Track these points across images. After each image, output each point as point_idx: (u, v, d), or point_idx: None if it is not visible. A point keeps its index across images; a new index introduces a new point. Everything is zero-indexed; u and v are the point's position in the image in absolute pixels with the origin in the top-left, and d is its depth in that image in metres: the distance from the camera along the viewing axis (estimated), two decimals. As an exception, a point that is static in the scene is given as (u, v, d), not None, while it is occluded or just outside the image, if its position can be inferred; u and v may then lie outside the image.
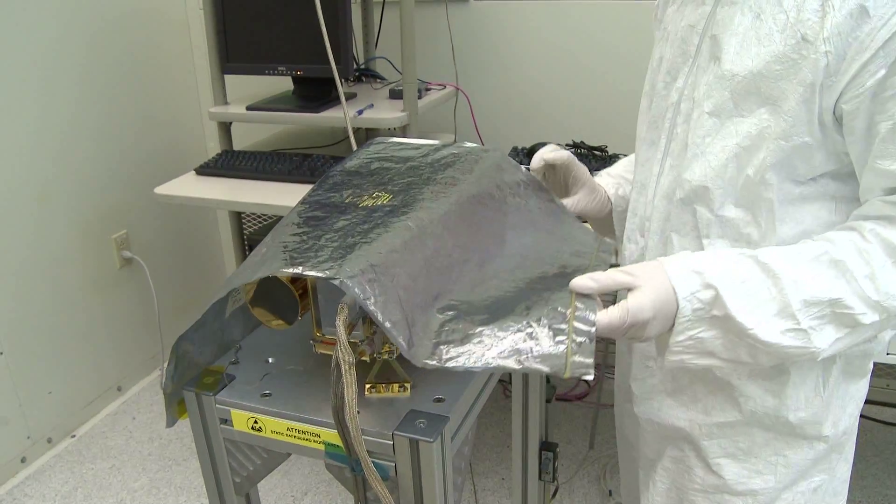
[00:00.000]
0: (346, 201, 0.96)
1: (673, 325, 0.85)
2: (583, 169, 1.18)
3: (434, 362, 0.77)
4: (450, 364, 0.77)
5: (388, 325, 0.75)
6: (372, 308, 0.75)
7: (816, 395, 1.00)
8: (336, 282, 0.75)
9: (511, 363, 0.77)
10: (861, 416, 1.09)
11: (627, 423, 1.28)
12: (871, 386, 2.39)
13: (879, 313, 0.84)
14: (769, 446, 1.04)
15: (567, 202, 1.16)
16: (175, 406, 0.97)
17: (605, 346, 2.64)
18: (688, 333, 0.85)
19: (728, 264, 0.86)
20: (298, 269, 0.78)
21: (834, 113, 0.85)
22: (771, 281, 0.84)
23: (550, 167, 1.18)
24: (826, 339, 0.85)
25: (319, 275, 0.76)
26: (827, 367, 1.00)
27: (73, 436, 2.52)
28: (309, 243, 0.84)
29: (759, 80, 0.88)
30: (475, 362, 0.78)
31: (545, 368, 0.77)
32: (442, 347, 0.79)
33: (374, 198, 0.95)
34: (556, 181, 1.20)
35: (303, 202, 1.00)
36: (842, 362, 1.01)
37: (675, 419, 1.10)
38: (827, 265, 0.85)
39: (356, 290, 0.74)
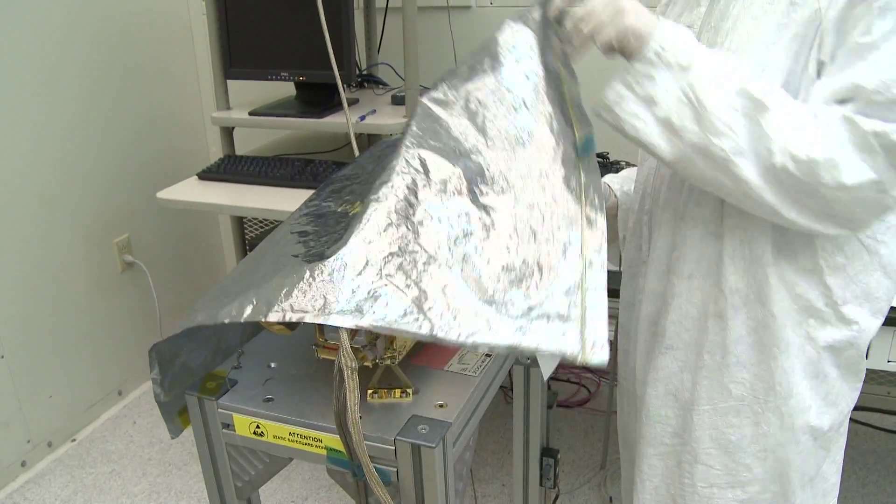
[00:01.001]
0: (339, 210, 0.96)
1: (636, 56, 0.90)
2: None
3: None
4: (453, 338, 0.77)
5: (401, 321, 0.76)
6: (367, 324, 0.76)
7: (804, 382, 1.02)
8: (322, 319, 0.76)
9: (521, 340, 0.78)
10: (863, 423, 1.10)
11: (629, 422, 1.29)
12: (872, 394, 2.39)
13: (792, 164, 0.84)
14: (757, 442, 1.05)
15: None
16: (176, 415, 0.98)
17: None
18: (648, 70, 0.89)
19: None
20: (287, 315, 0.77)
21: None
22: (729, 72, 0.87)
23: None
24: (743, 133, 0.85)
25: (305, 318, 0.77)
26: (816, 358, 1.02)
27: (74, 440, 2.52)
28: (300, 269, 0.83)
29: (750, 47, 0.92)
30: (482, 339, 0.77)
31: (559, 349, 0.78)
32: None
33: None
34: None
35: (300, 211, 1.00)
36: (831, 355, 1.02)
37: (667, 409, 1.12)
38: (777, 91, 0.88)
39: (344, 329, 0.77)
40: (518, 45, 0.98)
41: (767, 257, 0.97)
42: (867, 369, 1.22)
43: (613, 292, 1.52)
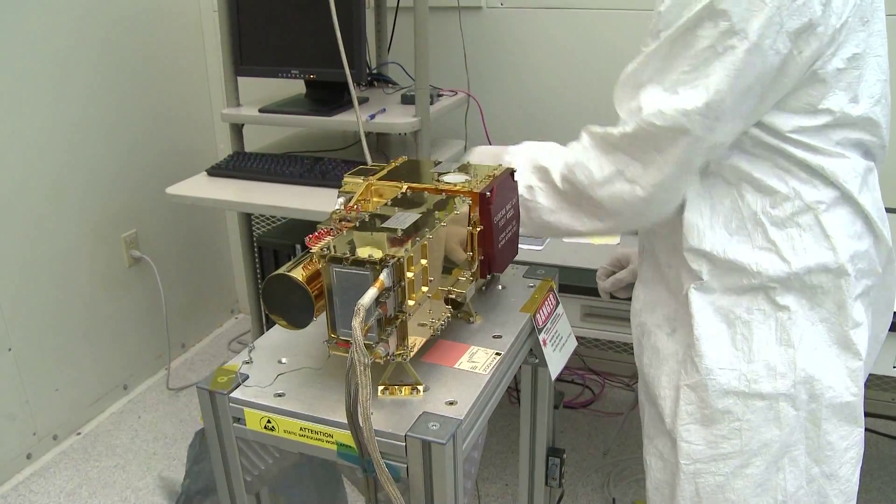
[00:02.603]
0: None
1: None
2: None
3: None
4: None
5: None
6: None
7: (767, 346, 1.03)
8: None
9: None
10: (866, 429, 1.08)
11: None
12: (876, 400, 2.38)
13: (564, 183, 1.07)
14: (730, 412, 1.05)
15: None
16: None
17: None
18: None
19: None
20: None
21: None
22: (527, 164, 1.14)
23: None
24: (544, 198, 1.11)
25: None
26: (784, 319, 1.02)
27: (79, 433, 2.53)
28: None
29: None
30: None
31: None
32: None
33: None
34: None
35: None
36: (803, 318, 1.02)
37: (664, 389, 1.13)
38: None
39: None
40: None
41: (721, 238, 1.04)
42: (872, 374, 1.22)
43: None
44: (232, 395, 0.93)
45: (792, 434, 1.05)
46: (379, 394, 0.90)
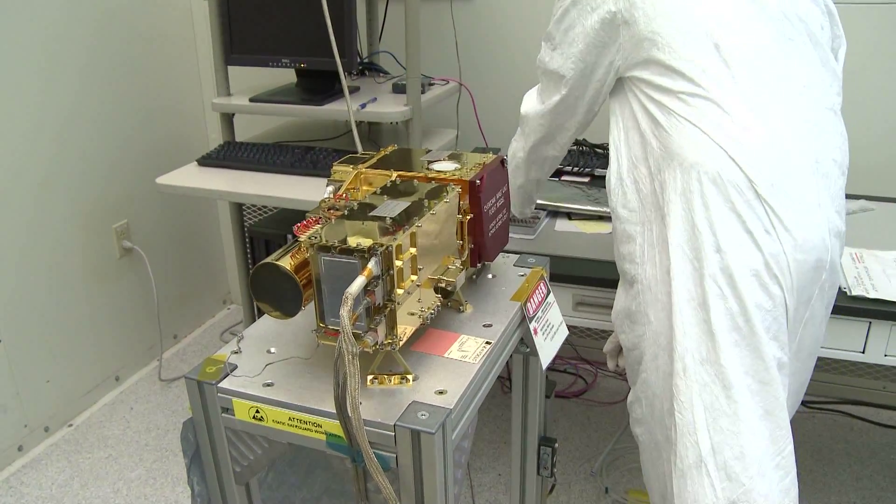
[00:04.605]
0: None
1: None
2: None
3: None
4: None
5: None
6: None
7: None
8: None
9: None
10: (858, 417, 1.08)
11: None
12: (868, 388, 2.38)
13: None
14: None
15: None
16: None
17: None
18: None
19: None
20: None
21: None
22: None
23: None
24: None
25: None
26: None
27: (71, 425, 2.52)
28: None
29: None
30: None
31: None
32: None
33: None
34: None
35: None
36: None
37: None
38: None
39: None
40: None
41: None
42: (863, 363, 1.21)
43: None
44: (220, 384, 0.92)
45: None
46: (368, 383, 0.90)
